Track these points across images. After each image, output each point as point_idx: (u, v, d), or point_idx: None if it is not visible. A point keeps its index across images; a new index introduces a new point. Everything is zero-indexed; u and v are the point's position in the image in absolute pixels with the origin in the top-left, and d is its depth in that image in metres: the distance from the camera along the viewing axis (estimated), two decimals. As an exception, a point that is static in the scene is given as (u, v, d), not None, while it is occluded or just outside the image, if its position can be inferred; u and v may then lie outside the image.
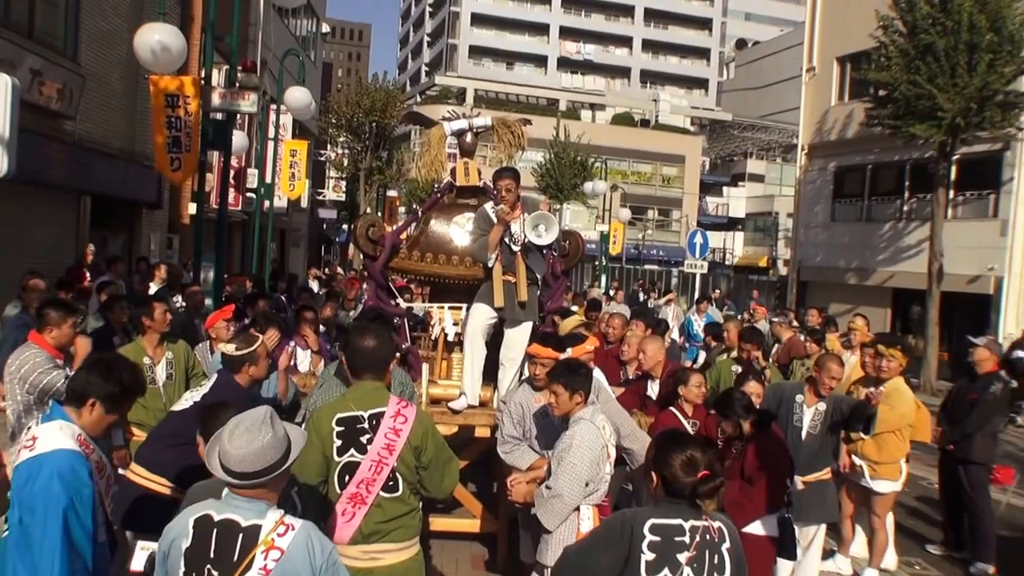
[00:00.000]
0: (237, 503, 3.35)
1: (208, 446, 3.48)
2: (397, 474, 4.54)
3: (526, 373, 6.76)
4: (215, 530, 3.31)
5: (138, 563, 4.40)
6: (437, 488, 4.69)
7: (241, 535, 3.29)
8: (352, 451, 4.55)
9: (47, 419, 4.07)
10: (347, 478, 4.53)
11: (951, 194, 25.46)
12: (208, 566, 3.29)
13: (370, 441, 4.54)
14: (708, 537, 3.76)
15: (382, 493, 4.54)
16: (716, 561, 3.76)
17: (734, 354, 9.93)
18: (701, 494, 3.78)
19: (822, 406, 7.62)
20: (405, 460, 4.53)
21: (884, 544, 8.65)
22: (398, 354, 5.83)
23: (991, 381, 9.42)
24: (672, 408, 7.33)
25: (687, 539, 3.72)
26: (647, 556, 3.69)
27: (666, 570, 3.69)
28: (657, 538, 3.71)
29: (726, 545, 3.82)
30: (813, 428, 7.62)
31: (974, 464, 9.22)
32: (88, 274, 13.87)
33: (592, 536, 3.99)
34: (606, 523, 3.96)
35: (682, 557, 3.70)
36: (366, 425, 4.56)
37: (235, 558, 3.26)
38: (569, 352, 6.17)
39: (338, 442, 4.55)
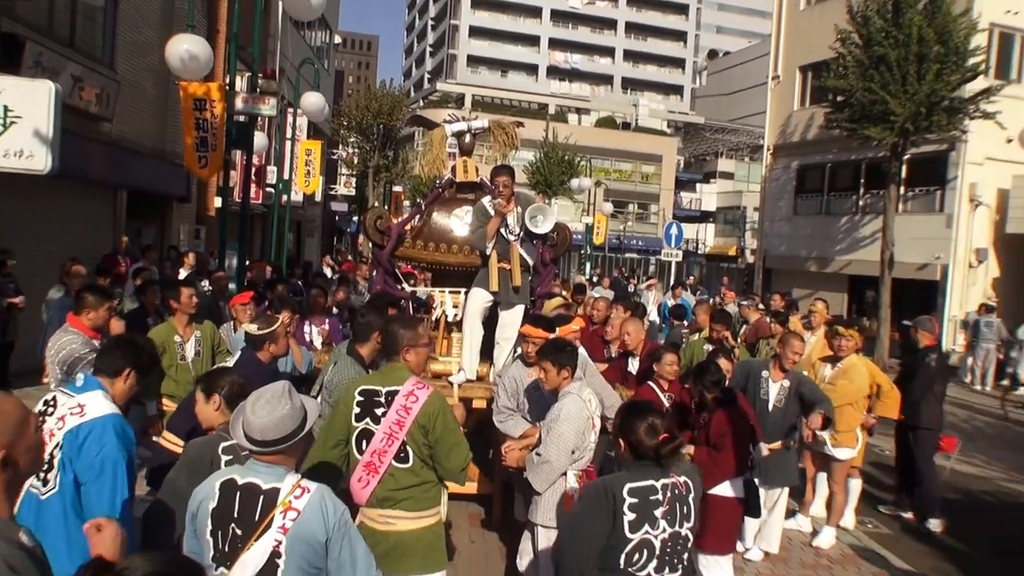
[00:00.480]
0: (258, 468, 3.37)
1: (232, 417, 3.50)
2: (408, 448, 4.57)
3: (519, 351, 6.77)
4: (238, 492, 3.33)
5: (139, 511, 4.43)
6: (442, 467, 4.63)
7: (262, 497, 3.30)
8: (367, 420, 4.63)
9: (83, 389, 4.02)
10: (364, 444, 4.61)
11: (902, 190, 25.49)
12: (232, 525, 3.30)
13: (384, 414, 4.59)
14: (677, 491, 3.88)
15: (394, 463, 4.59)
16: (685, 511, 3.91)
17: (705, 334, 9.93)
18: (664, 455, 3.87)
19: (786, 383, 7.65)
20: (414, 436, 4.55)
21: (843, 505, 8.71)
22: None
23: (927, 354, 9.53)
24: (650, 383, 7.37)
25: (660, 496, 3.83)
26: (629, 516, 3.77)
27: (646, 526, 3.78)
28: (635, 500, 3.80)
29: (692, 495, 3.96)
30: (779, 402, 7.64)
31: (922, 430, 9.31)
32: (123, 261, 13.83)
33: (581, 507, 4.02)
34: (590, 494, 3.98)
35: (658, 512, 3.81)
36: (382, 399, 4.63)
37: (256, 518, 3.28)
38: (558, 331, 6.20)
39: (357, 410, 4.66)
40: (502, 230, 7.17)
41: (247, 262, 14.49)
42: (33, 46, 12.88)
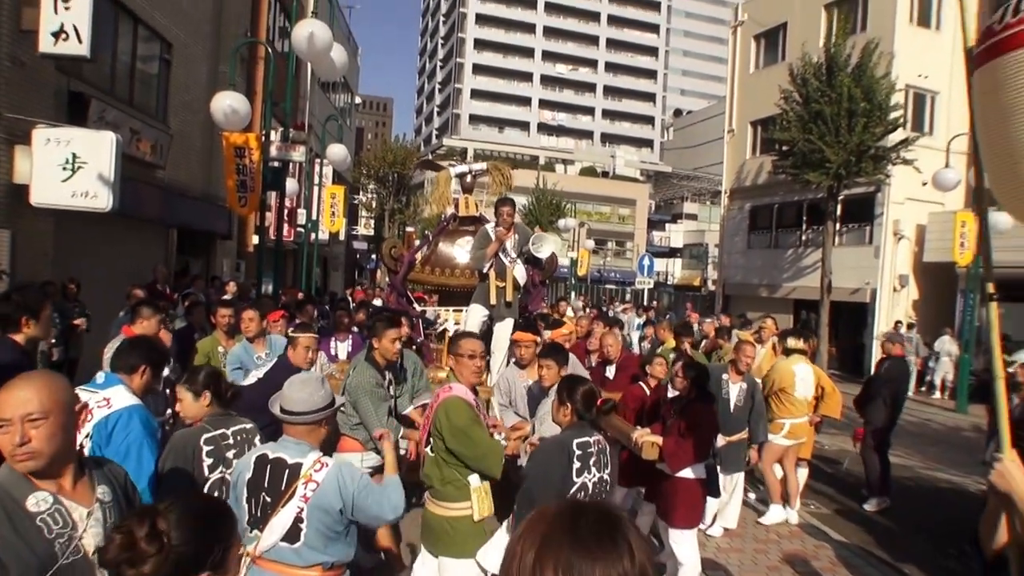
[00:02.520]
0: (287, 445, 3.42)
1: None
2: (432, 438, 4.64)
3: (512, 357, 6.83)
4: (269, 466, 3.38)
5: None
6: (471, 462, 4.57)
7: (287, 470, 3.36)
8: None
9: (104, 385, 3.88)
10: None
11: (837, 226, 25.58)
12: (263, 493, 3.36)
13: None
14: (601, 446, 4.33)
15: (427, 450, 4.72)
16: (605, 461, 4.33)
17: (671, 345, 9.98)
18: (603, 413, 4.45)
19: (744, 384, 7.73)
20: (432, 430, 4.63)
21: (793, 489, 8.66)
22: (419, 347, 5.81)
23: (882, 364, 9.75)
24: (640, 383, 7.40)
25: (593, 449, 4.25)
26: (576, 465, 4.18)
27: (586, 472, 4.19)
28: (580, 452, 4.20)
29: (608, 449, 4.42)
30: (739, 400, 7.71)
31: (866, 424, 9.51)
32: (162, 288, 13.77)
33: (544, 457, 4.27)
34: (551, 448, 4.28)
35: (591, 462, 4.23)
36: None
37: (282, 487, 3.33)
38: (547, 334, 6.33)
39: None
40: (500, 254, 7.21)
41: (281, 290, 14.55)
42: (97, 103, 12.96)
